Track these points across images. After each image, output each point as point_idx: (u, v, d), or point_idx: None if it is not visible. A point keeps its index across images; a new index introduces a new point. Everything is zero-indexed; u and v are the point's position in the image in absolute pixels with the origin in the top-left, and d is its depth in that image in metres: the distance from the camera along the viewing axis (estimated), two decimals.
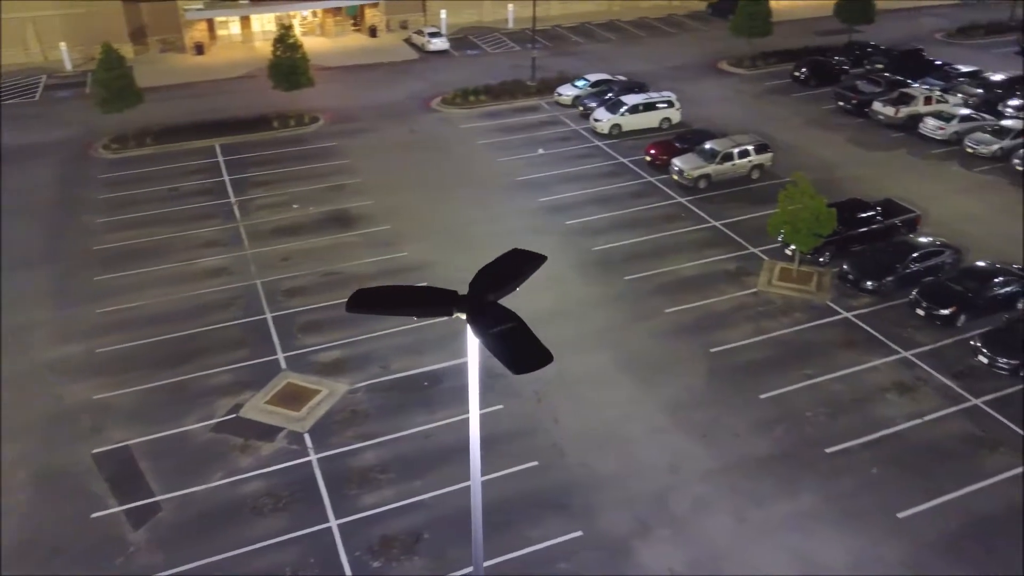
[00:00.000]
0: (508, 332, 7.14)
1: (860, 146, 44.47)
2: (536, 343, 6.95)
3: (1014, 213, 36.97)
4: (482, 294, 7.24)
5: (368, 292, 7.67)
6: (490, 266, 7.40)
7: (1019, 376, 26.17)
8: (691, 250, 34.37)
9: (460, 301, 7.34)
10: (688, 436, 24.50)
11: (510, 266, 7.29)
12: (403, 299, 7.59)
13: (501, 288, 7.19)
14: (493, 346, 7.23)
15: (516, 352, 7.07)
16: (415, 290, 7.63)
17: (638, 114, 46.25)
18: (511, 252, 7.50)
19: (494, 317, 7.21)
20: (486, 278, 7.29)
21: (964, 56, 57.57)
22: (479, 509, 8.93)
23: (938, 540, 20.90)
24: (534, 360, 6.92)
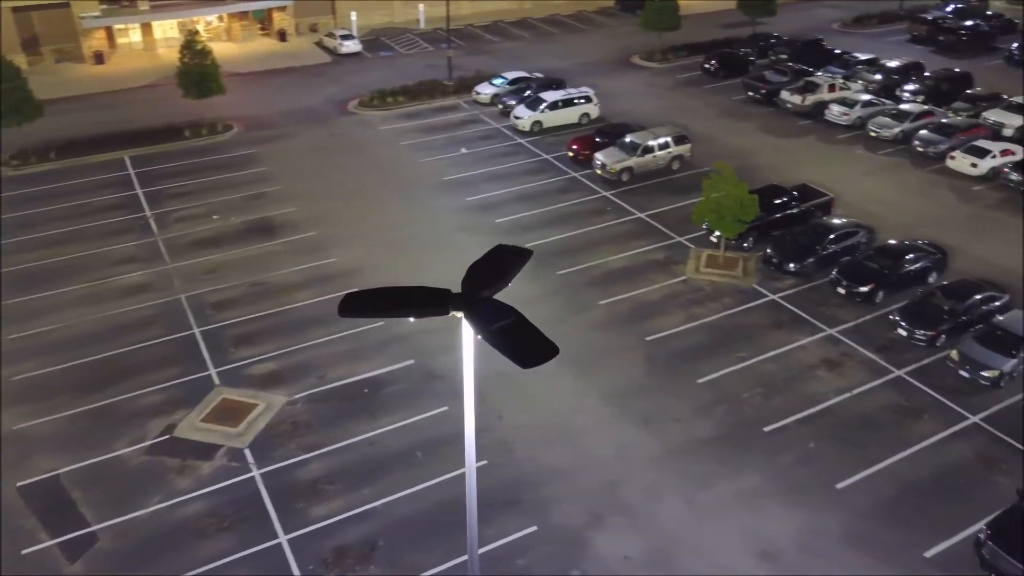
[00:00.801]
0: (510, 327, 7.08)
1: (771, 134, 45.99)
2: (540, 336, 6.92)
3: (917, 192, 38.90)
4: (476, 291, 7.16)
5: (359, 296, 7.50)
6: (479, 263, 7.33)
7: (936, 346, 27.54)
8: (620, 242, 34.90)
9: (455, 299, 7.25)
10: (632, 424, 24.89)
11: (498, 262, 7.23)
12: (397, 300, 7.45)
13: (494, 284, 7.13)
14: (497, 342, 7.17)
15: (521, 346, 7.02)
16: (408, 291, 7.50)
17: (558, 110, 46.65)
18: (496, 248, 7.45)
19: (493, 313, 7.15)
20: (477, 275, 7.22)
21: (860, 44, 60.16)
22: (474, 511, 8.86)
23: (875, 507, 21.83)
24: (540, 353, 6.89)
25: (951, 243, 33.49)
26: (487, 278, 7.11)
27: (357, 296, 7.52)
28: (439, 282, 30.63)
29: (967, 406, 25.22)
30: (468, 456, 8.15)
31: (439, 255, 34.10)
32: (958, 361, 26.27)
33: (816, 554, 20.50)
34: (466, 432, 8.22)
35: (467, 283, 7.20)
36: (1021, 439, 23.88)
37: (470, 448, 8.33)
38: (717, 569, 20.11)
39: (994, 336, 26.34)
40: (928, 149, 41.83)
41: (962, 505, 21.76)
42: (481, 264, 7.23)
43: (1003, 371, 25.50)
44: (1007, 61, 57.09)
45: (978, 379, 25.76)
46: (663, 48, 58.91)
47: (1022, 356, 25.75)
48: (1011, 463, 23.07)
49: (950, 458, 23.36)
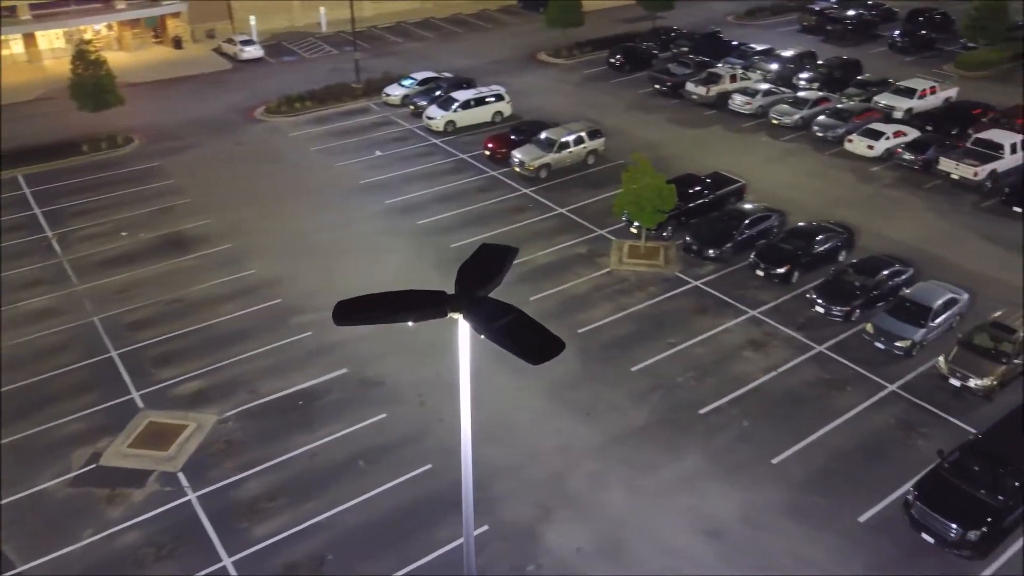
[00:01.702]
0: (513, 324, 7.05)
1: (679, 125, 47.21)
2: (544, 331, 6.91)
3: (820, 175, 40.65)
4: (472, 292, 7.10)
5: (352, 303, 7.33)
6: (468, 264, 7.27)
7: (851, 321, 28.87)
8: (543, 238, 35.19)
9: (451, 301, 7.17)
10: (572, 416, 25.17)
11: (486, 261, 7.19)
12: (392, 305, 7.31)
13: (487, 283, 7.08)
14: (502, 340, 7.12)
15: (528, 342, 6.99)
16: (402, 295, 7.37)
17: (470, 109, 46.66)
18: (481, 248, 7.40)
19: (492, 312, 7.10)
20: (469, 275, 7.16)
21: (754, 36, 62.37)
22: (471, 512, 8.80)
23: (809, 478, 22.74)
24: (548, 348, 6.88)
25: (856, 222, 35.15)
26: (480, 278, 7.07)
27: (349, 304, 7.36)
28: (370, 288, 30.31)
29: (884, 376, 26.54)
30: (465, 458, 8.10)
31: (363, 260, 33.67)
32: (873, 334, 27.61)
33: (759, 527, 21.22)
34: (463, 435, 8.18)
35: (461, 284, 7.14)
36: (935, 403, 25.29)
37: (467, 450, 8.29)
38: (667, 551, 20.56)
39: (904, 308, 27.80)
40: (827, 134, 43.76)
41: (888, 469, 22.90)
42: (471, 264, 7.18)
43: (915, 341, 26.95)
44: (891, 47, 60.21)
45: (892, 349, 27.15)
46: (568, 44, 59.66)
47: (931, 326, 27.24)
48: (928, 426, 24.42)
49: (873, 426, 24.54)
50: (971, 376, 25.12)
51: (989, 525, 19.71)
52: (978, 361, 25.41)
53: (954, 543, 19.87)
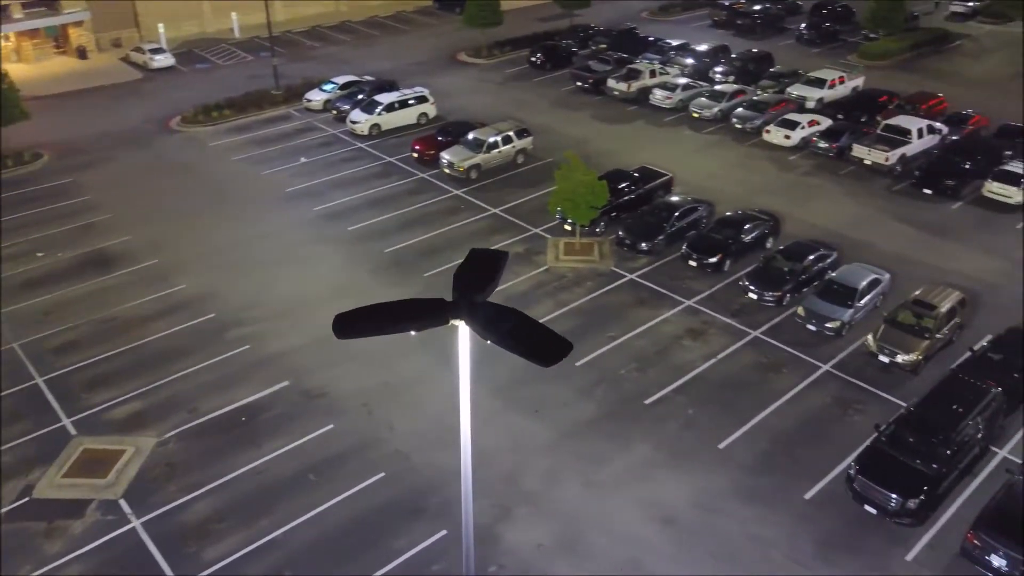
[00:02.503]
0: (518, 328, 7.04)
1: (604, 121, 47.89)
2: (550, 333, 6.92)
3: (741, 165, 41.86)
4: (471, 297, 7.06)
5: (351, 315, 7.20)
6: (461, 270, 7.22)
7: (783, 305, 29.85)
8: (479, 239, 35.17)
9: (451, 308, 7.11)
10: (522, 414, 25.29)
11: (479, 266, 7.16)
12: (392, 315, 7.21)
13: (484, 288, 7.05)
14: (510, 344, 7.10)
15: (536, 345, 6.99)
16: (401, 304, 7.27)
17: (395, 112, 46.30)
18: (472, 253, 7.37)
19: (495, 316, 7.07)
20: (465, 282, 7.12)
21: (668, 31, 63.73)
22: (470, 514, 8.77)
23: (755, 460, 23.43)
24: (557, 349, 6.89)
25: (779, 209, 36.34)
26: (476, 283, 7.03)
27: (348, 316, 7.23)
28: (307, 298, 29.72)
29: (818, 356, 27.55)
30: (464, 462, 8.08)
31: (297, 270, 33.06)
32: (804, 316, 28.61)
33: (712, 511, 21.76)
34: (463, 438, 8.15)
35: (459, 290, 7.10)
36: (867, 380, 26.38)
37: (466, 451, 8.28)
38: (625, 541, 20.88)
39: (832, 290, 28.90)
40: (745, 125, 45.09)
41: (828, 446, 23.78)
42: (465, 270, 7.14)
43: (844, 321, 28.05)
44: (798, 40, 62.46)
45: (823, 331, 28.19)
46: (488, 44, 59.79)
47: (858, 306, 28.40)
48: (862, 403, 25.46)
49: (811, 405, 25.45)
50: (898, 352, 26.31)
51: (926, 493, 20.69)
52: (904, 337, 26.62)
53: (895, 512, 20.79)
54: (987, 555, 19.31)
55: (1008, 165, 37.65)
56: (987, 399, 22.80)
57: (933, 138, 41.28)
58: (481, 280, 7.00)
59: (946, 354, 27.09)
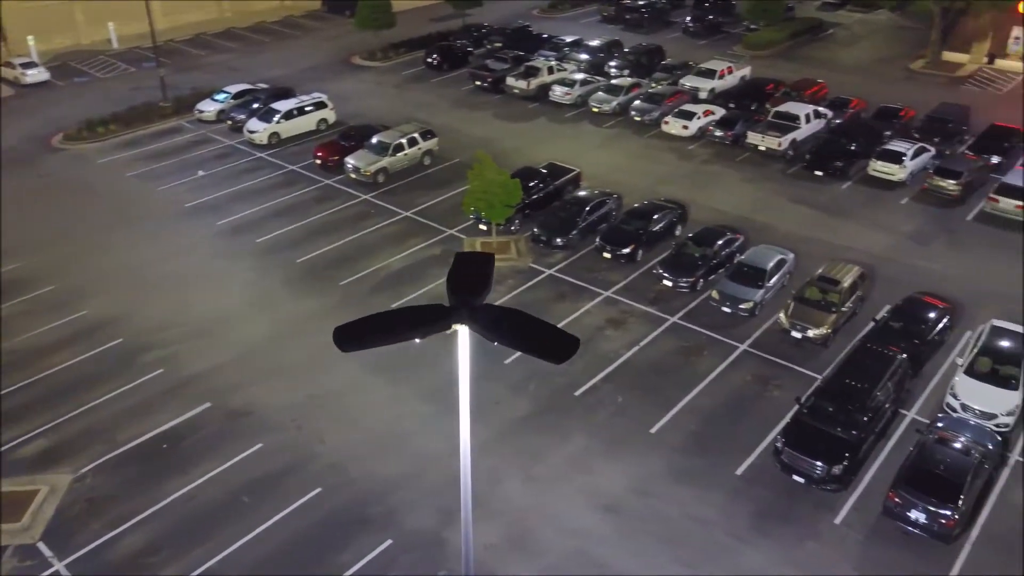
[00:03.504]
0: (524, 327, 7.03)
1: (506, 119, 48.20)
2: (556, 329, 6.93)
3: (644, 157, 42.95)
4: (470, 301, 7.00)
5: (352, 327, 7.02)
6: (454, 275, 7.15)
7: (697, 290, 30.85)
8: (393, 243, 34.87)
9: (453, 313, 7.04)
10: (456, 416, 25.15)
11: (470, 269, 7.10)
12: (394, 324, 7.07)
13: (482, 291, 7.01)
14: (521, 345, 7.07)
15: (546, 344, 6.99)
16: (400, 313, 7.13)
17: (294, 119, 45.26)
18: (458, 257, 7.31)
19: (498, 318, 7.04)
20: (460, 286, 7.05)
21: (560, 28, 64.66)
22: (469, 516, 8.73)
23: (686, 442, 24.17)
24: (566, 345, 6.91)
25: (684, 197, 37.49)
26: (472, 286, 6.99)
27: (350, 329, 7.07)
28: (220, 314, 28.89)
29: (734, 337, 28.62)
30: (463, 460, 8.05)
31: (206, 287, 31.92)
32: (718, 299, 29.66)
33: (650, 495, 22.32)
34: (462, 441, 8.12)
35: (456, 296, 7.04)
36: (782, 356, 27.59)
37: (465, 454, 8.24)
38: (571, 532, 21.17)
39: (742, 273, 30.06)
40: (644, 117, 46.27)
41: (753, 422, 24.77)
42: (457, 275, 7.08)
43: (756, 301, 29.24)
44: (684, 32, 64.54)
45: (737, 312, 29.31)
46: (382, 46, 59.16)
47: (767, 286, 29.66)
48: (780, 378, 26.61)
49: (733, 384, 26.43)
50: (809, 327, 27.65)
51: (848, 458, 21.84)
52: (812, 313, 27.99)
53: (821, 479, 21.87)
54: (907, 511, 20.55)
55: (890, 144, 40.05)
56: (894, 365, 24.26)
57: (820, 122, 43.49)
58: (476, 283, 7.00)
59: (851, 326, 28.64)
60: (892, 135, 42.46)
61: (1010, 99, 50.72)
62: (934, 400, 25.43)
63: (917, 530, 20.53)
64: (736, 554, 20.62)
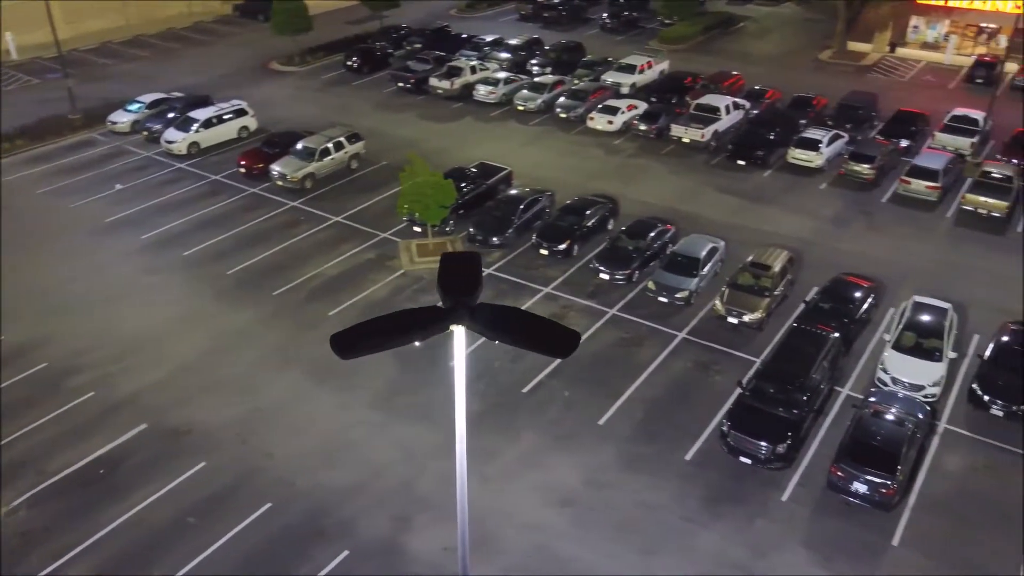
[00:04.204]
0: (524, 325, 6.98)
1: (431, 120, 47.97)
2: (555, 325, 6.90)
3: (572, 153, 43.35)
4: (464, 301, 6.92)
5: (350, 334, 6.83)
6: (444, 277, 7.05)
7: (633, 282, 31.34)
8: (326, 250, 34.32)
9: (449, 314, 6.94)
10: (406, 422, 25.03)
11: (460, 269, 7.02)
12: (392, 329, 6.91)
13: (475, 290, 6.94)
14: (522, 342, 7.01)
15: (547, 339, 6.95)
16: (396, 316, 6.98)
17: (213, 128, 44.04)
18: (445, 257, 7.21)
19: (496, 317, 6.97)
20: (452, 287, 6.95)
21: (479, 27, 64.72)
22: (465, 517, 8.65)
23: (634, 431, 24.55)
24: (567, 340, 6.89)
25: (614, 191, 38.07)
26: (465, 286, 6.92)
27: (348, 336, 6.88)
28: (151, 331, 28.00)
29: (673, 326, 29.20)
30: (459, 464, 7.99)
31: (133, 305, 30.82)
32: (655, 290, 30.20)
33: (604, 486, 22.60)
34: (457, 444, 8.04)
35: (452, 296, 6.95)
36: (720, 342, 28.30)
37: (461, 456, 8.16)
38: (529, 528, 21.26)
39: (677, 262, 30.68)
40: (569, 114, 46.73)
41: (698, 408, 25.33)
42: (447, 276, 7.00)
43: (691, 290, 29.89)
44: (602, 29, 65.46)
45: (674, 301, 29.91)
46: (300, 51, 58.08)
47: (701, 274, 30.36)
48: (720, 363, 27.29)
49: (675, 372, 26.97)
50: (744, 312, 28.42)
51: (791, 437, 22.57)
52: (746, 298, 28.79)
53: (766, 459, 22.53)
54: (850, 483, 21.36)
55: (806, 132, 41.50)
56: (828, 345, 25.19)
57: (739, 113, 44.74)
58: (468, 283, 6.95)
59: (783, 309, 29.58)
60: (807, 123, 44.01)
61: (913, 85, 53.24)
62: (866, 376, 26.50)
63: (859, 500, 21.37)
64: (691, 536, 21.07)
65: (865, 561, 20.32)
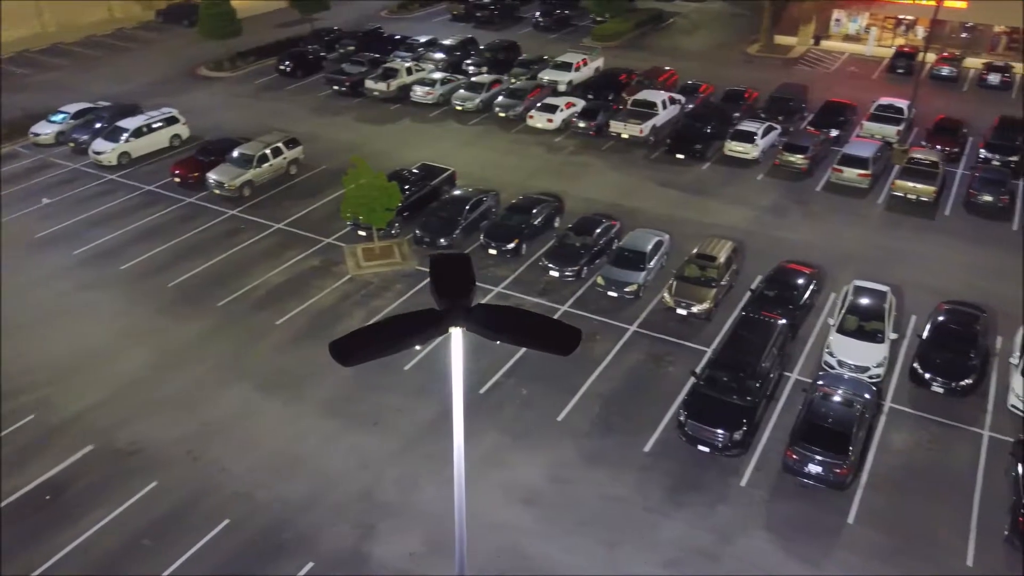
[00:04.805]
0: (524, 324, 6.90)
1: (369, 122, 47.48)
2: (555, 322, 6.85)
3: (513, 152, 43.45)
4: (461, 303, 6.81)
5: (349, 341, 6.66)
6: (436, 280, 6.93)
7: (582, 278, 31.56)
8: (270, 258, 33.66)
9: (447, 316, 6.83)
10: (360, 429, 24.72)
11: (451, 272, 6.92)
12: (391, 334, 6.76)
13: (469, 292, 6.85)
14: (524, 341, 6.94)
15: (550, 337, 6.88)
16: (394, 321, 6.83)
17: (144, 137, 42.78)
18: (434, 259, 7.08)
19: (494, 317, 6.88)
20: (447, 289, 6.85)
21: (411, 28, 64.35)
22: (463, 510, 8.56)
23: (592, 426, 24.73)
24: (570, 336, 6.85)
25: (558, 189, 38.28)
26: (460, 287, 6.82)
27: (347, 343, 6.71)
28: (92, 349, 27.14)
29: (624, 319, 29.51)
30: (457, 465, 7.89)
31: (71, 322, 29.75)
32: (604, 285, 30.48)
33: (567, 482, 22.72)
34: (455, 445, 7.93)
35: (446, 299, 6.85)
36: (670, 333, 28.71)
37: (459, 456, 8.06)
38: (494, 528, 21.23)
39: (624, 257, 31.02)
40: (508, 113, 46.81)
41: (653, 399, 25.66)
42: (440, 278, 6.88)
43: (639, 283, 30.26)
44: (535, 27, 65.75)
45: (623, 295, 30.23)
46: (229, 56, 56.82)
47: (649, 268, 30.76)
48: (672, 354, 27.68)
49: (629, 365, 27.26)
50: (692, 303, 28.90)
51: (746, 424, 23.05)
52: (694, 289, 29.28)
53: (724, 446, 22.95)
54: (804, 465, 21.93)
55: (741, 125, 42.42)
56: (776, 331, 25.80)
57: (675, 108, 45.45)
58: (463, 284, 6.88)
59: (730, 298, 30.18)
60: (740, 116, 44.99)
61: (838, 76, 54.93)
62: (812, 360, 27.23)
63: (814, 482, 21.96)
64: (655, 527, 21.33)
65: (823, 540, 20.89)
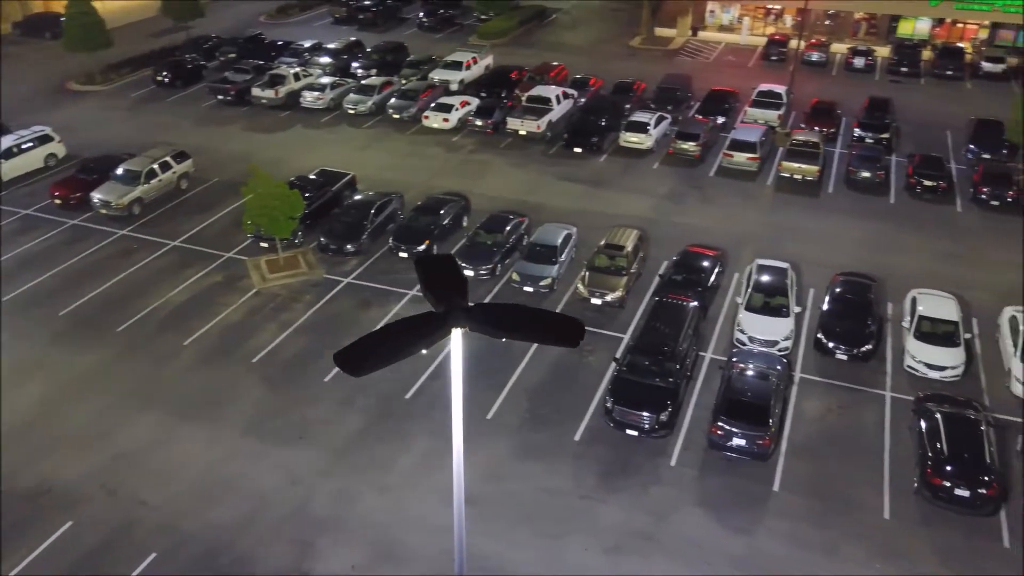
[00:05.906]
0: (527, 319, 6.84)
1: (259, 131, 46.07)
2: (558, 315, 6.81)
3: (411, 154, 43.10)
4: (460, 304, 6.69)
5: (354, 351, 6.40)
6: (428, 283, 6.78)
7: (497, 275, 31.68)
8: (169, 277, 32.22)
9: (449, 318, 6.68)
10: (286, 446, 24.03)
11: (442, 273, 6.79)
12: (396, 341, 6.54)
13: (464, 292, 6.74)
14: (530, 336, 6.86)
15: (555, 330, 6.84)
16: (397, 327, 6.61)
17: (15, 157, 40.06)
18: (420, 262, 6.95)
19: (496, 315, 6.79)
20: (443, 291, 6.71)
21: (293, 33, 62.74)
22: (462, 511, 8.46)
23: (522, 421, 24.92)
24: (574, 327, 6.83)
25: (461, 188, 38.25)
26: (454, 288, 6.71)
27: (353, 353, 6.45)
28: None
29: None
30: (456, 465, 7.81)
31: None
32: (519, 280, 30.72)
33: (503, 479, 22.81)
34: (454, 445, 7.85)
35: (443, 301, 6.73)
36: (587, 323, 29.10)
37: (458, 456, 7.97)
38: (436, 532, 21.07)
39: (536, 252, 31.35)
40: (402, 114, 46.40)
41: (578, 389, 26.06)
42: (431, 281, 6.75)
43: (552, 277, 30.66)
44: (419, 27, 65.39)
45: (538, 289, 30.56)
46: (101, 68, 53.89)
47: (560, 261, 31.20)
48: (592, 343, 28.10)
49: (551, 358, 27.42)
50: (605, 292, 29.52)
51: (671, 405, 23.76)
52: (606, 278, 29.92)
53: (650, 428, 23.59)
54: (729, 440, 22.82)
55: (634, 116, 43.54)
56: (690, 313, 26.70)
57: (568, 102, 46.22)
58: (456, 284, 6.81)
59: (640, 285, 30.99)
60: (631, 108, 46.18)
61: (717, 65, 57.17)
62: (724, 338, 28.31)
63: (739, 455, 22.89)
64: (593, 514, 21.71)
65: (753, 509, 21.79)
